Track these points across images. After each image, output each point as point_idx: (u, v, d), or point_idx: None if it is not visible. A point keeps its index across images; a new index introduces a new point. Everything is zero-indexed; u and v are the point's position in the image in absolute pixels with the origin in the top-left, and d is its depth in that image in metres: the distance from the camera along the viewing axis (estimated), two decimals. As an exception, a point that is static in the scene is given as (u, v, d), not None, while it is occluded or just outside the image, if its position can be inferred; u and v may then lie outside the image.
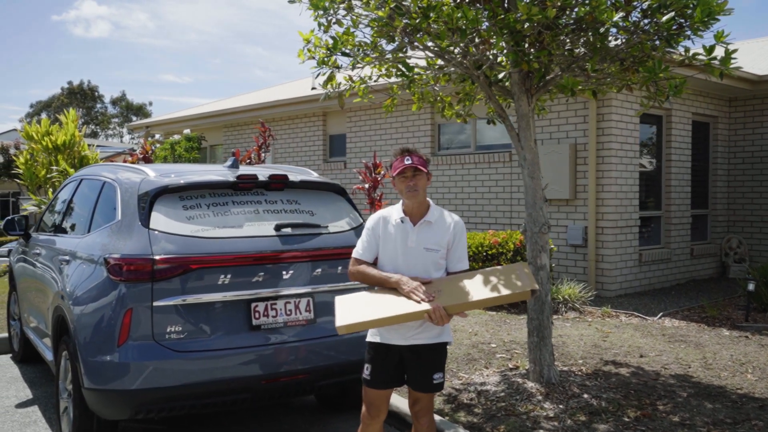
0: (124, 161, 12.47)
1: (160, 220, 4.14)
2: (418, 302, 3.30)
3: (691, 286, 10.74)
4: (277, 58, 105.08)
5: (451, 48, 4.53)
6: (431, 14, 4.19)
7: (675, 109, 10.68)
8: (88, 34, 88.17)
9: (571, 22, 4.61)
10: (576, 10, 4.30)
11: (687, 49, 4.83)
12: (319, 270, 4.42)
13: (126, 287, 3.93)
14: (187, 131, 15.08)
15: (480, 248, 8.63)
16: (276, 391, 4.28)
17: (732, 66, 4.62)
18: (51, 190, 12.42)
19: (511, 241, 8.67)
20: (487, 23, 4.40)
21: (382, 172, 9.27)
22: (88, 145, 14.61)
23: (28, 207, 11.97)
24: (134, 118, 60.69)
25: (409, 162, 3.48)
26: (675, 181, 10.81)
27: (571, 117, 9.88)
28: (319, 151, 14.03)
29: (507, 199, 10.79)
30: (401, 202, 3.62)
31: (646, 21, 4.82)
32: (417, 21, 4.32)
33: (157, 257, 3.96)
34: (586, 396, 5.19)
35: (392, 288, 3.43)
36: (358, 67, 5.10)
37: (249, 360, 4.13)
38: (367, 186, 9.05)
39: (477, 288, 3.39)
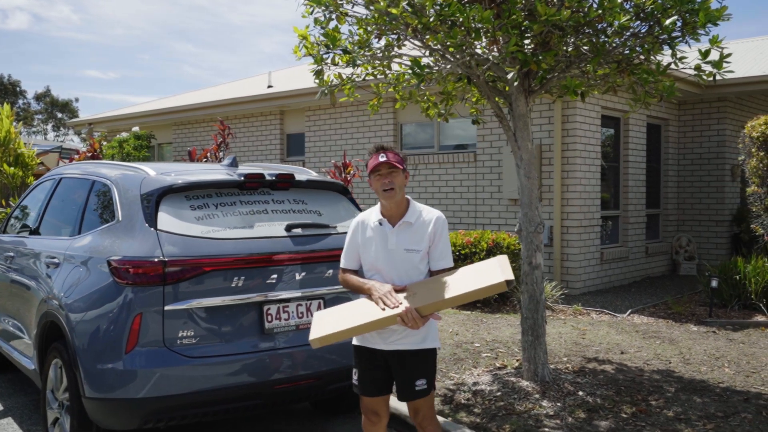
0: (71, 160, 11.96)
1: (167, 220, 3.96)
2: (388, 308, 3.16)
3: (648, 284, 11.08)
4: (210, 55, 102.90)
5: (461, 47, 4.49)
6: (448, 10, 4.15)
7: (632, 111, 10.96)
8: (5, 26, 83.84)
9: (574, 23, 4.64)
10: (586, 11, 4.32)
11: (674, 53, 4.94)
12: (331, 271, 4.32)
13: (134, 291, 3.75)
14: (135, 129, 14.57)
15: (452, 248, 8.64)
16: (287, 395, 4.17)
17: (725, 69, 4.76)
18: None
19: (484, 240, 8.74)
20: (499, 24, 4.38)
21: (352, 172, 9.19)
22: (24, 143, 14.00)
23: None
24: (59, 115, 58.37)
25: (384, 159, 3.31)
26: (632, 182, 11.13)
27: (536, 118, 10.01)
28: (276, 150, 13.79)
29: (471, 199, 10.86)
30: (379, 203, 3.46)
31: (638, 24, 4.92)
32: (431, 20, 4.27)
33: (168, 259, 3.79)
34: (581, 393, 5.26)
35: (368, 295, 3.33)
36: (358, 65, 5.02)
37: (261, 365, 4.01)
38: (337, 186, 8.92)
39: (449, 286, 3.23)
